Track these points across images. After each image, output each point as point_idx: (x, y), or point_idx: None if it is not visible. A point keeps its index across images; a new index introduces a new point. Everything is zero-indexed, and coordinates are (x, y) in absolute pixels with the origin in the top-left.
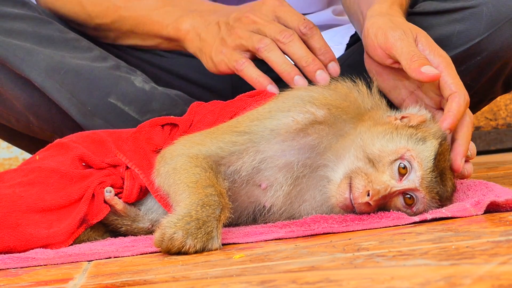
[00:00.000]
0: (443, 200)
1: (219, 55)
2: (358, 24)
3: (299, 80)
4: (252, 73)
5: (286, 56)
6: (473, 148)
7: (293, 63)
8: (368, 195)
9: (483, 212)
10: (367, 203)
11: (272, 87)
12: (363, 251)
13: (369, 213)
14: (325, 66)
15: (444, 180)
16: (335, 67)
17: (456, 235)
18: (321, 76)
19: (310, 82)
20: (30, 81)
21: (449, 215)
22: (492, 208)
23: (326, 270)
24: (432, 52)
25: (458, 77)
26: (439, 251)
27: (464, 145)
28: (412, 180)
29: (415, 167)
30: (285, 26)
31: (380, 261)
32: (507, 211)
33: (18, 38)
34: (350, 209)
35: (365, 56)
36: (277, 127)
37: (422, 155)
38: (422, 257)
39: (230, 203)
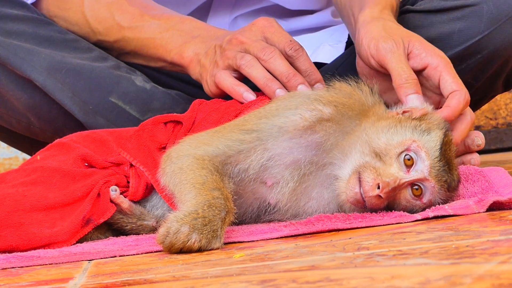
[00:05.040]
0: (451, 189)
1: (211, 77)
2: (350, 27)
3: (280, 93)
4: (227, 83)
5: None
6: (482, 137)
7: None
8: (378, 188)
9: (485, 210)
10: (378, 196)
11: (248, 94)
12: (363, 250)
13: (379, 207)
14: (311, 87)
15: (451, 169)
16: (320, 88)
17: (456, 234)
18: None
19: None
20: (31, 82)
21: (451, 213)
22: (495, 206)
23: (326, 270)
24: (429, 54)
25: (457, 76)
26: (439, 250)
27: (456, 141)
28: (421, 170)
29: (423, 157)
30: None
31: (380, 260)
32: (510, 208)
33: (18, 39)
34: (361, 204)
35: (357, 59)
36: (285, 124)
37: (428, 145)
38: (422, 256)
39: (235, 208)
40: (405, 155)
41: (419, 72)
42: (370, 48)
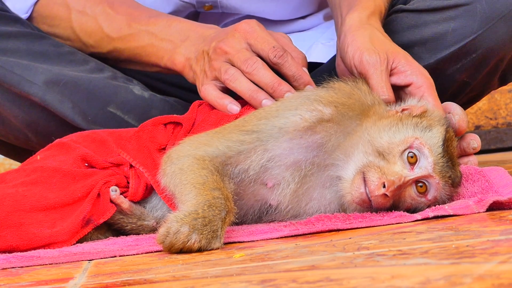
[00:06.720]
0: (455, 184)
1: (201, 86)
2: (337, 27)
3: (267, 103)
4: (212, 96)
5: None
6: (478, 140)
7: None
8: (384, 187)
9: (485, 210)
10: (384, 195)
11: (232, 106)
12: (363, 250)
13: (385, 206)
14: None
15: (454, 165)
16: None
17: (456, 234)
18: None
19: None
20: (27, 99)
21: (451, 213)
22: (495, 206)
23: (326, 269)
24: (414, 72)
25: (438, 98)
26: (439, 250)
27: None
28: (425, 167)
29: (426, 154)
30: (257, 54)
31: (380, 260)
32: (510, 208)
33: (13, 56)
34: (367, 204)
35: (338, 61)
36: (285, 125)
37: (431, 141)
38: (422, 256)
39: (235, 208)
40: (408, 152)
41: (401, 88)
42: (354, 59)
